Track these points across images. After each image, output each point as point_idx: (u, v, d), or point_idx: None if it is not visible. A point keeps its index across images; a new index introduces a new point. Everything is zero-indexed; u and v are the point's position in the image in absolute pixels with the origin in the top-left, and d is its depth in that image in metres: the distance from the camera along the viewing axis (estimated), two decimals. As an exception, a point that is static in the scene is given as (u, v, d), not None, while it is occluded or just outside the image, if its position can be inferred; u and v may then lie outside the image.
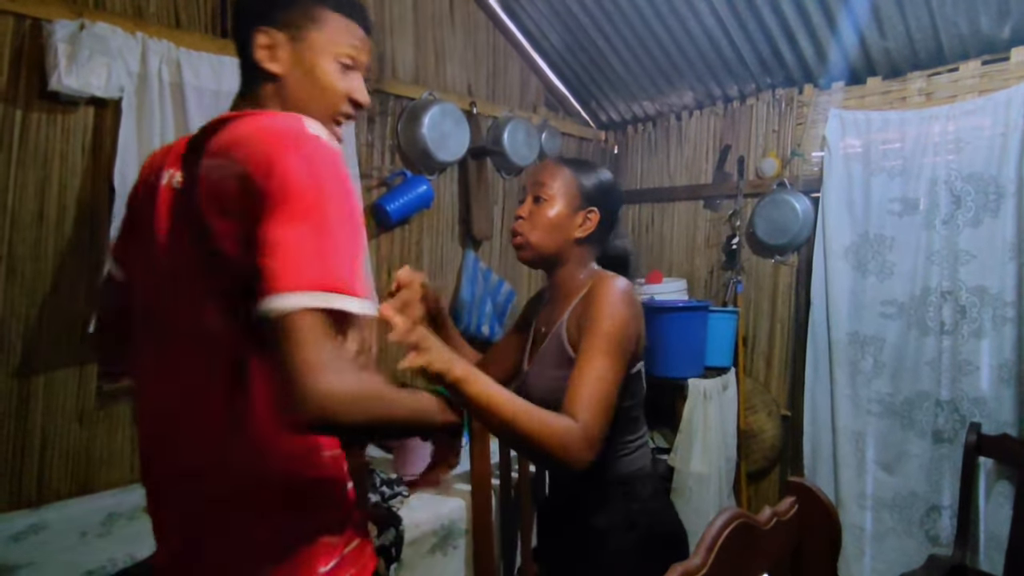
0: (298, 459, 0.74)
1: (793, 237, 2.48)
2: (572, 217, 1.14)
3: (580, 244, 1.15)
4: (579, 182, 1.15)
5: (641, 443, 1.15)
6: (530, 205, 1.15)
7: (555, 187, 1.14)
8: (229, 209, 0.64)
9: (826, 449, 2.35)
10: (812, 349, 2.40)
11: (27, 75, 1.52)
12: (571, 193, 1.14)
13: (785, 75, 2.54)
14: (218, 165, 0.66)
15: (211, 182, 0.66)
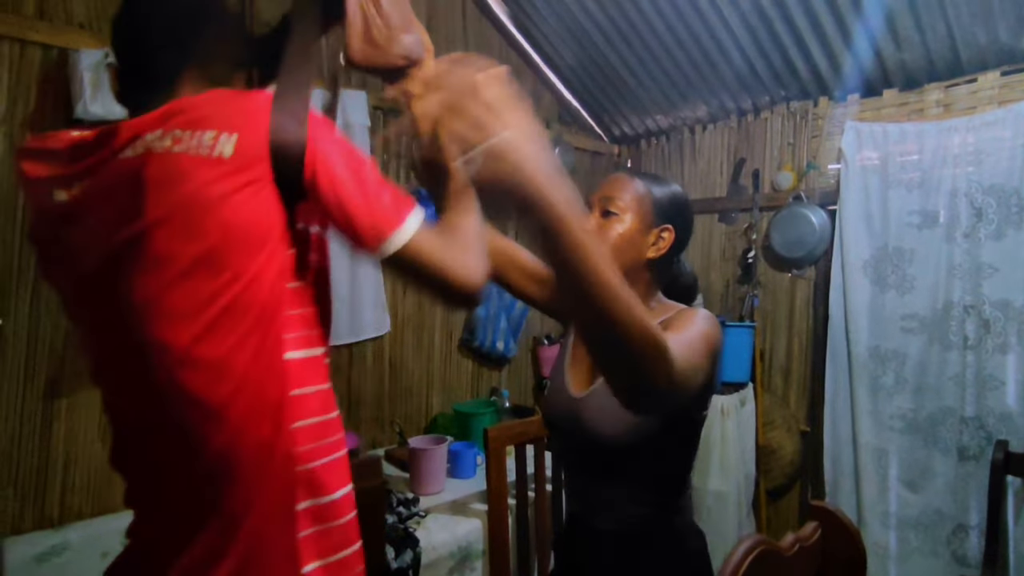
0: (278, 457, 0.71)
1: (810, 250, 2.46)
2: (645, 234, 1.02)
3: (651, 266, 1.04)
4: (653, 196, 1.03)
5: (690, 493, 1.09)
6: (598, 219, 1.03)
7: (627, 200, 1.02)
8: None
9: (847, 466, 2.31)
10: (831, 364, 2.36)
11: (54, 103, 1.57)
12: (644, 208, 1.02)
13: (799, 88, 2.53)
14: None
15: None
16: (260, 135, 0.66)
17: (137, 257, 0.65)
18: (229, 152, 0.64)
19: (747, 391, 2.44)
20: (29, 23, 1.52)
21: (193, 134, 0.65)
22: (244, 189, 0.65)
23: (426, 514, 1.63)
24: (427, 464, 1.79)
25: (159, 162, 0.64)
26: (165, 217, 0.64)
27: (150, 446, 0.73)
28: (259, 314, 0.68)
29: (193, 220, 0.64)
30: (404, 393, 2.36)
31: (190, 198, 0.63)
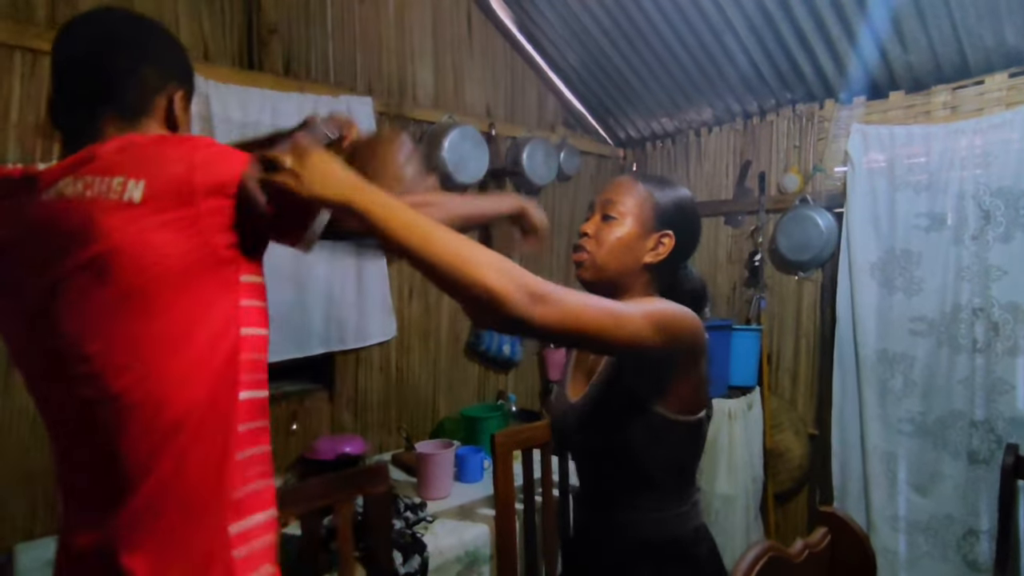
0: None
1: (817, 253, 2.45)
2: (644, 239, 1.01)
3: (649, 271, 1.02)
4: (655, 201, 1.02)
5: (695, 500, 1.05)
6: (597, 222, 1.03)
7: (628, 204, 1.02)
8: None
9: (856, 469, 2.30)
10: (839, 367, 2.35)
11: (64, 112, 1.58)
12: (645, 213, 1.01)
13: (805, 91, 2.52)
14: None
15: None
16: (169, 178, 0.67)
17: (64, 300, 0.67)
18: (138, 197, 0.66)
19: (754, 394, 2.43)
20: (40, 32, 1.54)
21: (103, 180, 0.67)
22: (158, 231, 0.66)
23: (433, 519, 1.63)
24: (434, 468, 1.79)
25: (72, 207, 0.66)
26: (84, 262, 0.66)
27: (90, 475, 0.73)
28: (200, 355, 0.69)
29: (109, 263, 0.65)
30: (411, 397, 2.37)
31: (104, 241, 0.65)
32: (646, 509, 1.01)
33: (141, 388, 0.67)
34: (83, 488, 0.74)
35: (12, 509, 1.54)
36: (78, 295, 0.67)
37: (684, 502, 1.03)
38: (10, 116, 1.51)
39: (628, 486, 1.02)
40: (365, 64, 2.25)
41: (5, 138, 1.51)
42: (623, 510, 1.02)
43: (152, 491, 0.68)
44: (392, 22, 2.32)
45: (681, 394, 0.95)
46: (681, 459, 1.01)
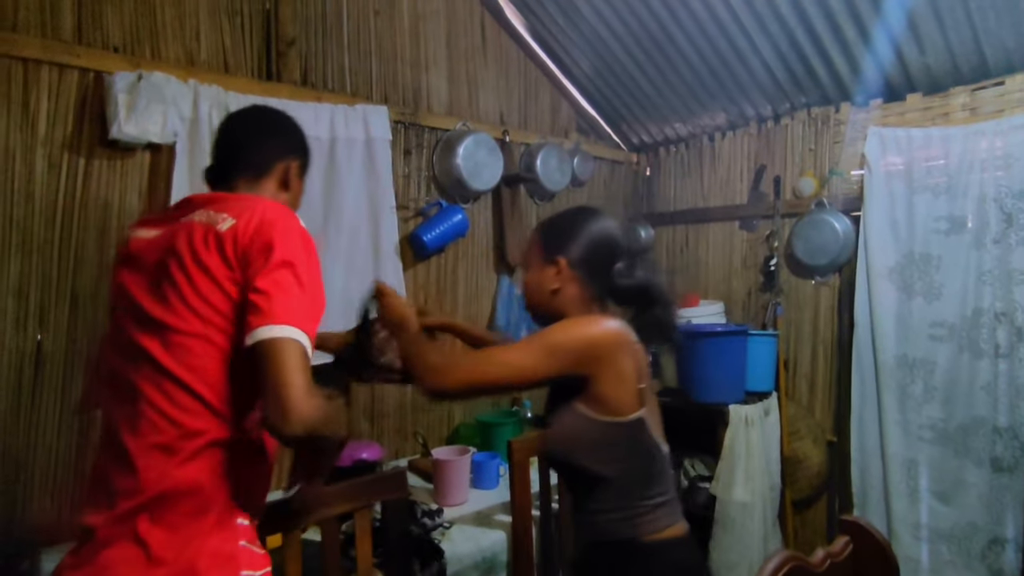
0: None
1: (834, 257, 2.43)
2: (542, 273, 1.17)
3: (559, 294, 1.16)
4: (541, 239, 1.20)
5: (658, 503, 1.08)
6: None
7: (528, 252, 1.22)
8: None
9: (876, 477, 2.27)
10: (858, 373, 2.33)
11: (90, 124, 1.62)
12: (537, 252, 1.19)
13: (820, 94, 2.51)
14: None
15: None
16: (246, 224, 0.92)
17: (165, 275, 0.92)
18: (225, 228, 0.92)
19: (771, 400, 2.41)
20: (68, 48, 1.58)
21: (217, 214, 0.95)
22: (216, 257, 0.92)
23: (450, 525, 1.64)
24: (451, 475, 1.80)
25: (190, 226, 0.95)
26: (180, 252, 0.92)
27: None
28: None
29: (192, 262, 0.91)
30: (426, 404, 2.38)
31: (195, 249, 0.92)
32: (596, 511, 1.09)
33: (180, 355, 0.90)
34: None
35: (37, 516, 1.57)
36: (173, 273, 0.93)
37: (637, 505, 1.07)
38: (39, 130, 1.55)
39: (582, 490, 1.12)
40: (381, 73, 2.27)
41: (33, 151, 1.55)
42: (581, 513, 1.13)
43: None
44: (407, 32, 2.35)
45: (604, 398, 1.05)
46: (621, 460, 1.07)
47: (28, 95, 1.54)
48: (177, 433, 0.84)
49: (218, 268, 0.89)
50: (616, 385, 1.04)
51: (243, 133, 1.09)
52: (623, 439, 1.06)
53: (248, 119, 1.12)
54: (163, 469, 0.83)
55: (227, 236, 0.90)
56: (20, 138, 1.53)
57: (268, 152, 1.08)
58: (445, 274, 2.46)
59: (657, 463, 1.10)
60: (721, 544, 2.18)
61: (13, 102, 1.52)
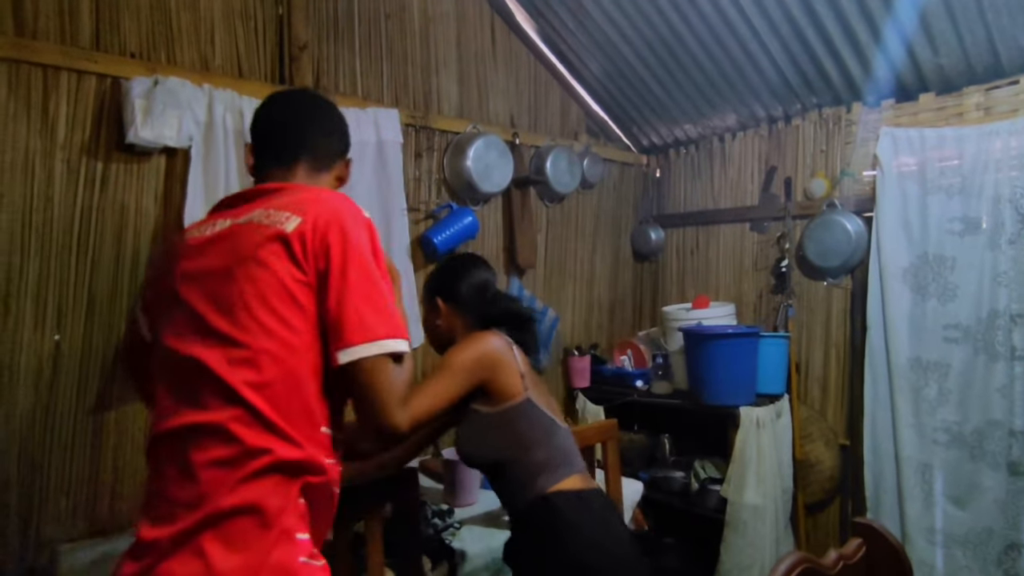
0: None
1: (846, 259, 2.41)
2: (432, 317, 1.43)
3: (448, 328, 1.39)
4: (426, 289, 1.46)
5: (559, 463, 1.28)
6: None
7: (421, 302, 1.48)
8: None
9: (889, 481, 2.24)
10: (871, 375, 2.31)
11: (107, 129, 1.65)
12: (425, 302, 1.46)
13: (832, 94, 2.49)
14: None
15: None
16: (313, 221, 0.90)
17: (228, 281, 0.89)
18: (291, 228, 0.89)
19: (783, 403, 2.40)
20: (86, 54, 1.61)
21: (279, 212, 0.91)
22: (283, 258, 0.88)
23: (460, 525, 1.65)
24: (461, 475, 1.81)
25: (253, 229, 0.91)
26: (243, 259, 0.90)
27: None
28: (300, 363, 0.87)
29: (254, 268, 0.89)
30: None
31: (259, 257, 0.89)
32: (513, 491, 1.28)
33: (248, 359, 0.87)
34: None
35: (56, 511, 1.59)
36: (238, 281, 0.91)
37: (541, 469, 1.25)
38: (57, 135, 1.58)
39: (501, 478, 1.30)
40: (392, 77, 2.29)
41: (52, 155, 1.58)
42: (504, 498, 1.32)
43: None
44: (417, 35, 2.37)
45: (495, 391, 1.25)
46: (521, 439, 1.26)
47: (48, 101, 1.57)
48: (241, 450, 0.82)
49: (287, 274, 0.86)
50: (504, 378, 1.24)
51: (309, 120, 1.04)
52: (518, 417, 1.25)
53: (315, 108, 1.07)
54: (227, 484, 0.81)
55: (294, 237, 0.87)
56: (40, 143, 1.56)
57: (333, 147, 1.07)
58: (455, 276, 2.47)
59: (556, 437, 1.29)
60: (732, 547, 2.17)
61: (33, 108, 1.55)
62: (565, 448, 1.30)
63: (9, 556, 1.52)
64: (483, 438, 1.27)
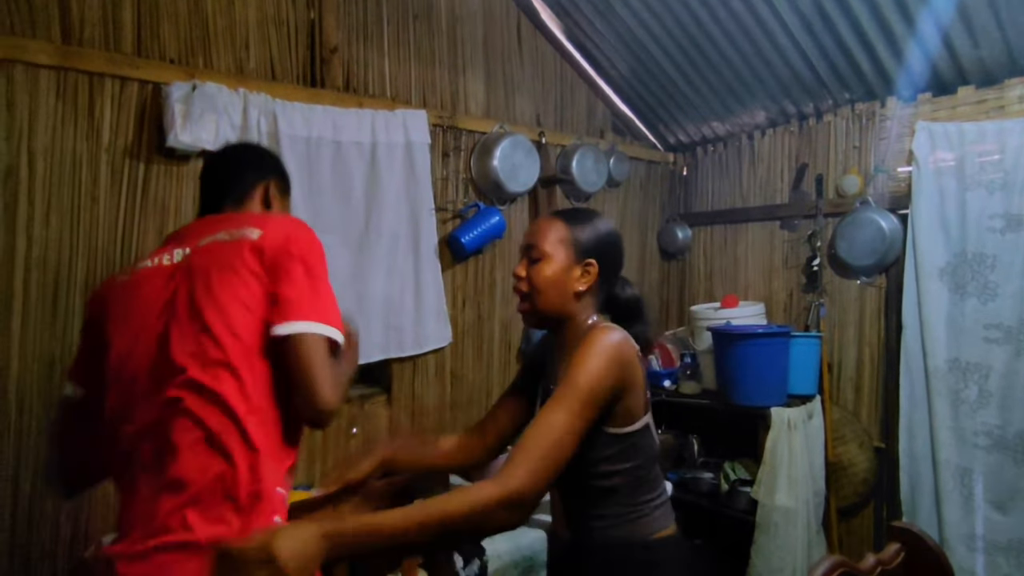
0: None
1: (880, 257, 2.36)
2: (570, 271, 1.09)
3: (581, 298, 1.11)
4: (574, 235, 1.11)
5: (659, 503, 1.10)
6: (526, 267, 1.12)
7: (550, 243, 1.10)
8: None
9: (926, 485, 2.19)
10: (907, 377, 2.25)
11: (148, 133, 1.71)
12: (567, 247, 1.10)
13: (865, 89, 2.44)
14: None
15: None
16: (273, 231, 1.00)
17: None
18: (256, 236, 0.98)
19: (814, 403, 2.36)
20: (129, 60, 1.66)
21: (239, 229, 1.00)
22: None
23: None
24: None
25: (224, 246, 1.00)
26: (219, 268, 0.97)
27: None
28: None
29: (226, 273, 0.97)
30: (465, 402, 2.41)
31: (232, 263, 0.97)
32: (605, 516, 1.07)
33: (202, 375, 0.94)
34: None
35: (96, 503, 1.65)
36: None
37: (640, 508, 1.08)
38: (102, 139, 1.64)
39: (590, 498, 1.08)
40: (419, 78, 2.32)
41: (98, 159, 1.64)
42: (587, 518, 1.09)
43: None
44: (444, 36, 2.39)
45: (621, 411, 1.03)
46: (630, 466, 1.06)
47: (93, 106, 1.63)
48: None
49: (261, 277, 0.95)
50: (633, 396, 1.03)
51: (223, 168, 1.17)
52: (632, 446, 1.05)
53: (226, 155, 1.21)
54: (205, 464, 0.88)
55: (259, 244, 0.97)
56: (86, 147, 1.62)
57: (246, 179, 1.15)
58: (483, 275, 2.48)
59: (657, 465, 1.11)
60: (763, 549, 2.15)
61: (80, 113, 1.61)
62: (662, 478, 1.12)
63: (59, 548, 1.58)
64: (589, 459, 1.04)
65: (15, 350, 1.53)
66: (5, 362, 1.52)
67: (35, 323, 1.56)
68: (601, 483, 1.06)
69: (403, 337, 2.17)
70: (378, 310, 2.12)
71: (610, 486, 1.06)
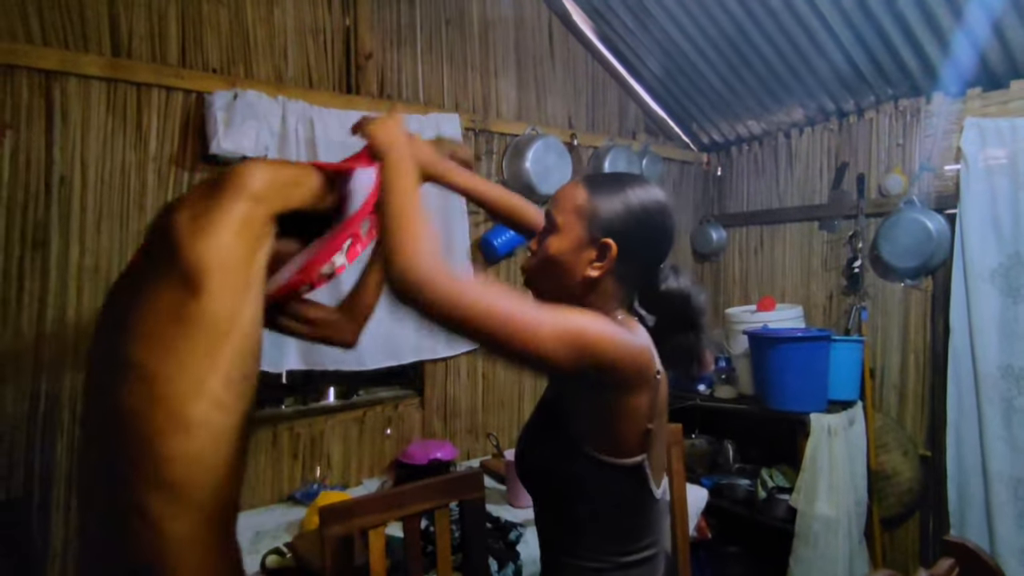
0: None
1: (926, 259, 2.28)
2: (580, 251, 0.86)
3: (594, 287, 0.87)
4: (592, 205, 0.86)
5: (640, 559, 0.88)
6: (538, 240, 0.91)
7: (565, 212, 0.88)
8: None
9: (976, 496, 2.10)
10: (955, 383, 2.17)
11: (192, 141, 1.76)
12: (582, 220, 0.86)
13: (909, 84, 2.36)
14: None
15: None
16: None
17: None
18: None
19: (856, 410, 2.29)
20: (174, 71, 1.72)
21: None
22: None
23: (524, 526, 1.66)
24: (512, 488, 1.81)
25: None
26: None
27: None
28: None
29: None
30: (496, 404, 2.41)
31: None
32: (579, 557, 0.87)
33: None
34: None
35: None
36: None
37: (611, 559, 0.86)
38: (149, 147, 1.70)
39: (561, 527, 0.90)
40: (452, 82, 2.33)
41: (145, 167, 1.70)
42: (560, 553, 0.90)
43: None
44: (477, 40, 2.40)
45: (612, 433, 0.82)
46: (604, 506, 0.85)
47: (141, 116, 1.68)
48: None
49: None
50: (623, 418, 0.81)
51: None
52: (613, 484, 0.84)
53: None
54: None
55: None
56: (135, 156, 1.68)
57: None
58: (515, 278, 2.48)
59: (646, 514, 0.88)
60: (803, 559, 2.09)
61: (128, 123, 1.67)
62: (655, 529, 0.90)
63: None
64: (557, 472, 0.88)
65: (69, 360, 1.59)
66: (60, 372, 1.58)
67: (88, 333, 1.62)
68: (562, 506, 0.89)
69: (436, 339, 2.19)
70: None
71: (579, 519, 0.88)
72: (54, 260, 1.57)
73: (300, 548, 1.40)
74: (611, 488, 0.85)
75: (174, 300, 0.75)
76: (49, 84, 1.55)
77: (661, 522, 0.92)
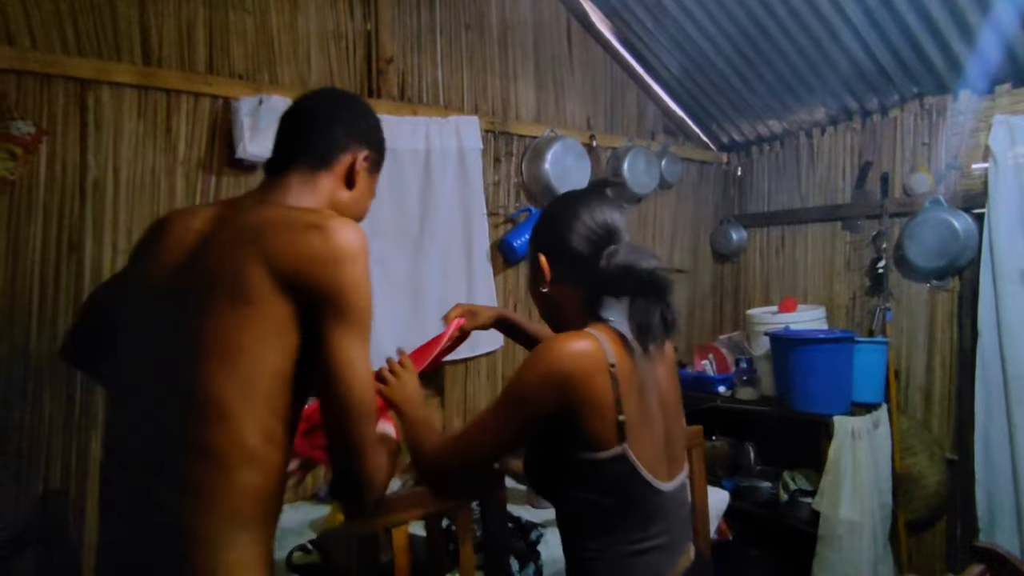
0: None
1: (952, 259, 2.24)
2: (537, 282, 1.00)
3: (556, 303, 0.99)
4: (532, 238, 1.03)
5: (649, 548, 0.91)
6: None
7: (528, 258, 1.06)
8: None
9: (1006, 501, 2.06)
10: (983, 385, 2.13)
11: (219, 146, 1.80)
12: (530, 256, 1.03)
13: (935, 81, 2.32)
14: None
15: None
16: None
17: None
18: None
19: (880, 412, 2.26)
20: (202, 78, 1.76)
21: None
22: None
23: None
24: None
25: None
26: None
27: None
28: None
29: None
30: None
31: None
32: (577, 546, 0.93)
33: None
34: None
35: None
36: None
37: (619, 548, 0.90)
38: (178, 152, 1.74)
39: (568, 524, 0.96)
40: (471, 85, 2.35)
41: (174, 171, 1.74)
42: (567, 546, 0.97)
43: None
44: (496, 43, 2.42)
45: (581, 431, 0.87)
46: (597, 497, 0.89)
47: (170, 121, 1.73)
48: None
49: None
50: (590, 418, 0.86)
51: (307, 115, 0.92)
52: (599, 477, 0.88)
53: (316, 99, 0.95)
54: None
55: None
56: (164, 160, 1.72)
57: (332, 138, 0.90)
58: (533, 279, 2.49)
59: (646, 504, 0.90)
60: (826, 563, 2.07)
61: (158, 128, 1.71)
62: (660, 518, 0.93)
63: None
64: (545, 472, 0.96)
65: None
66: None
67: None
68: (561, 508, 0.96)
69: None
70: (432, 315, 2.15)
71: (567, 514, 0.95)
72: (88, 262, 1.61)
73: (325, 545, 1.43)
74: (599, 481, 0.89)
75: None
76: (84, 92, 1.60)
77: (671, 515, 0.94)
